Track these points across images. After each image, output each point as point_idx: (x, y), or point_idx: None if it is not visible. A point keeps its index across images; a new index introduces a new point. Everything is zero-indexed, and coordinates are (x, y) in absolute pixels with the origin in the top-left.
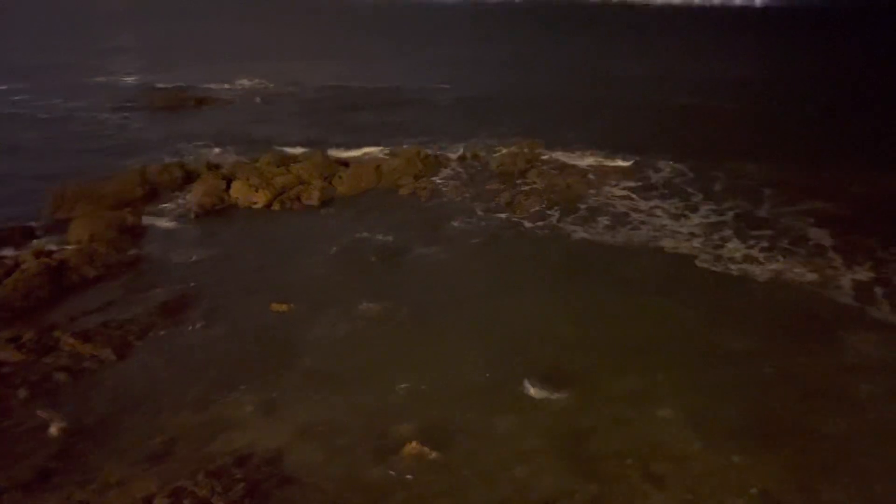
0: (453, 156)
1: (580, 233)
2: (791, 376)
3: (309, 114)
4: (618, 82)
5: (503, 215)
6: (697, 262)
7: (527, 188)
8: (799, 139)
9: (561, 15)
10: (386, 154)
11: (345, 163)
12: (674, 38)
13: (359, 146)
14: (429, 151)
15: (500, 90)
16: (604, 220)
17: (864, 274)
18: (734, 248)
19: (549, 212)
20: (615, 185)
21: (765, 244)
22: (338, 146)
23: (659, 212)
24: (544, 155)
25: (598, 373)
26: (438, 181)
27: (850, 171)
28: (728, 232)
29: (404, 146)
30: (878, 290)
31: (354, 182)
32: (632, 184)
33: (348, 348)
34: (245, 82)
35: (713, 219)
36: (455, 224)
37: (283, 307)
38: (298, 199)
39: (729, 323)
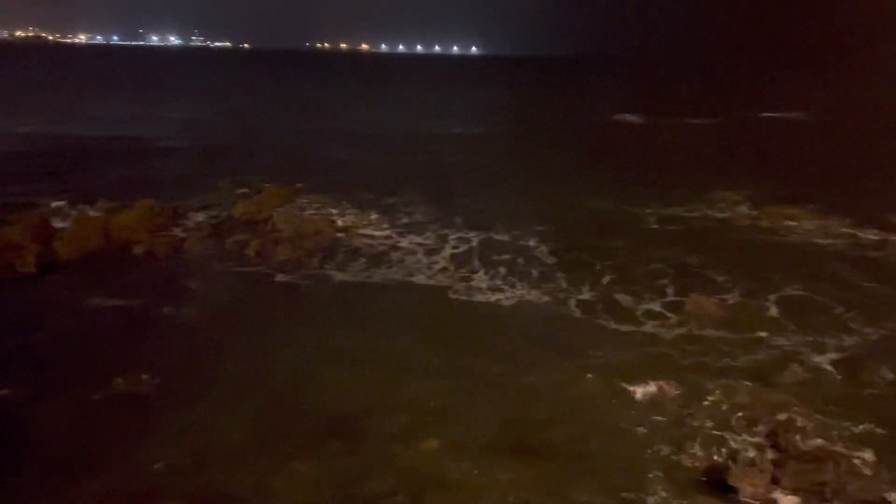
0: (194, 206)
1: (338, 276)
2: (535, 390)
3: (16, 166)
4: (356, 124)
5: (253, 266)
6: (450, 294)
7: (276, 235)
8: (519, 173)
9: (293, 62)
10: (115, 208)
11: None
12: (400, 84)
13: (84, 202)
14: (164, 205)
15: (241, 136)
16: (360, 261)
17: (587, 292)
18: (480, 278)
19: (301, 258)
20: (366, 227)
21: (505, 271)
22: (57, 203)
23: (411, 249)
24: (292, 200)
25: (366, 414)
26: (180, 235)
27: (564, 198)
28: (475, 263)
29: (137, 199)
30: (599, 306)
31: (79, 243)
32: (384, 224)
33: (95, 429)
34: None
35: (461, 251)
36: (201, 281)
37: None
38: (11, 266)
39: (481, 348)
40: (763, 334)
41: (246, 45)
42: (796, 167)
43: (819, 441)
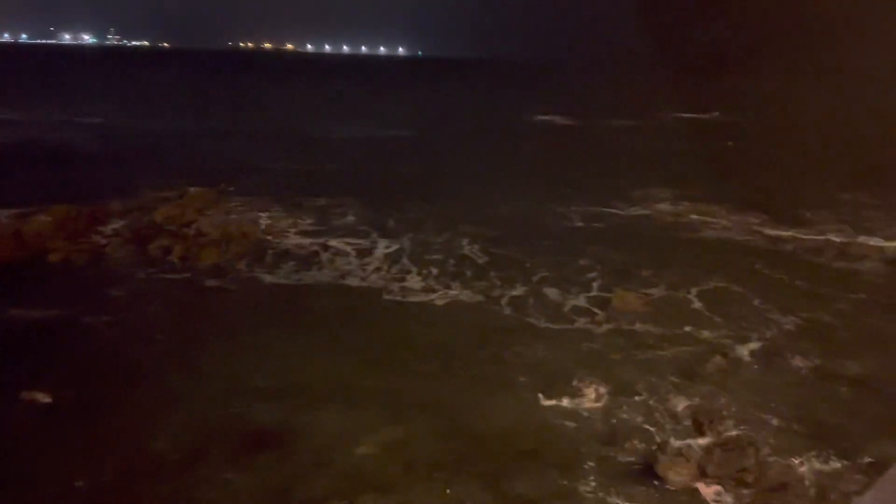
0: (114, 211)
1: (267, 279)
2: (469, 390)
3: None
4: (283, 126)
5: (178, 272)
6: (384, 295)
7: (201, 239)
8: (448, 175)
9: (215, 62)
10: (28, 214)
11: None
12: (328, 85)
13: None
14: (82, 210)
15: (162, 139)
16: (290, 264)
17: (518, 290)
18: (413, 278)
19: (228, 262)
20: (295, 229)
21: (438, 271)
22: None
23: (342, 251)
24: (217, 203)
25: (298, 420)
26: (100, 241)
27: (492, 198)
28: (407, 264)
29: (52, 205)
30: (530, 303)
31: None
32: (313, 226)
33: (9, 446)
34: None
35: (393, 252)
36: (122, 289)
37: None
38: None
39: (415, 349)
40: (687, 328)
41: (165, 44)
42: (714, 166)
43: (741, 429)
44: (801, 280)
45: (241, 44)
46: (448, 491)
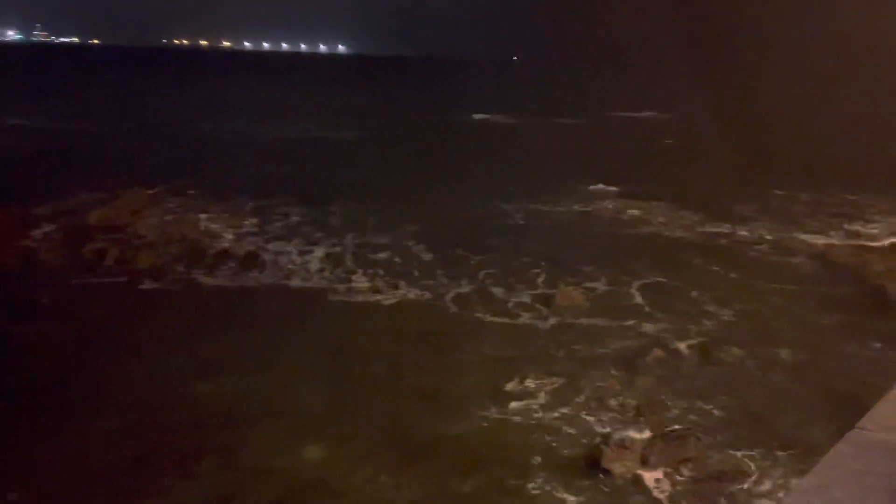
0: (45, 214)
1: (207, 281)
2: (417, 390)
3: None
4: (222, 126)
5: (114, 276)
6: (329, 296)
7: (138, 241)
8: (390, 175)
9: (149, 59)
10: None
11: None
12: (267, 84)
13: None
14: (11, 213)
15: (95, 139)
16: (231, 266)
17: (464, 288)
18: (359, 279)
19: (166, 264)
20: (236, 230)
21: (384, 271)
22: None
23: (285, 252)
24: (154, 204)
25: (244, 425)
26: (30, 245)
27: (436, 197)
28: (352, 264)
29: None
30: (476, 301)
31: None
32: (254, 227)
33: None
34: None
35: (337, 253)
36: (55, 294)
37: None
38: None
39: (361, 350)
40: (629, 321)
41: (96, 41)
42: (652, 164)
43: (682, 419)
44: (736, 273)
45: (176, 41)
46: (396, 493)
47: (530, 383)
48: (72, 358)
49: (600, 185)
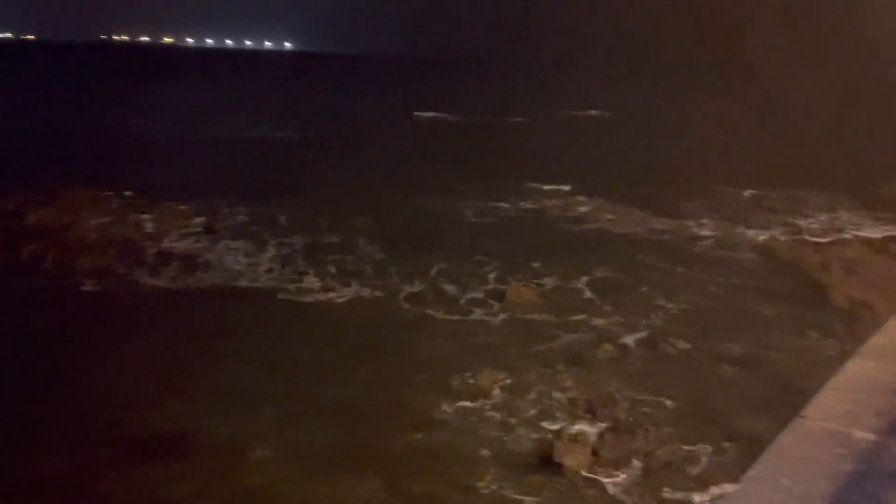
0: None
1: (151, 282)
2: (369, 389)
3: None
4: (166, 125)
5: (53, 279)
6: (279, 296)
7: (78, 243)
8: (337, 174)
9: (87, 56)
10: None
11: None
12: (211, 81)
13: None
14: None
15: (32, 138)
16: (175, 267)
17: (416, 286)
18: (311, 278)
19: (108, 266)
20: (180, 230)
21: (335, 270)
22: None
23: (231, 252)
24: (95, 205)
25: (192, 429)
26: None
27: (385, 196)
28: (303, 263)
29: None
30: (429, 298)
31: None
32: (200, 227)
33: None
34: None
35: (286, 252)
36: None
37: None
38: None
39: (313, 349)
40: (578, 316)
41: (30, 37)
42: (598, 161)
43: (632, 412)
44: (683, 268)
45: (116, 36)
46: (347, 494)
47: (483, 379)
48: (10, 363)
49: (549, 183)
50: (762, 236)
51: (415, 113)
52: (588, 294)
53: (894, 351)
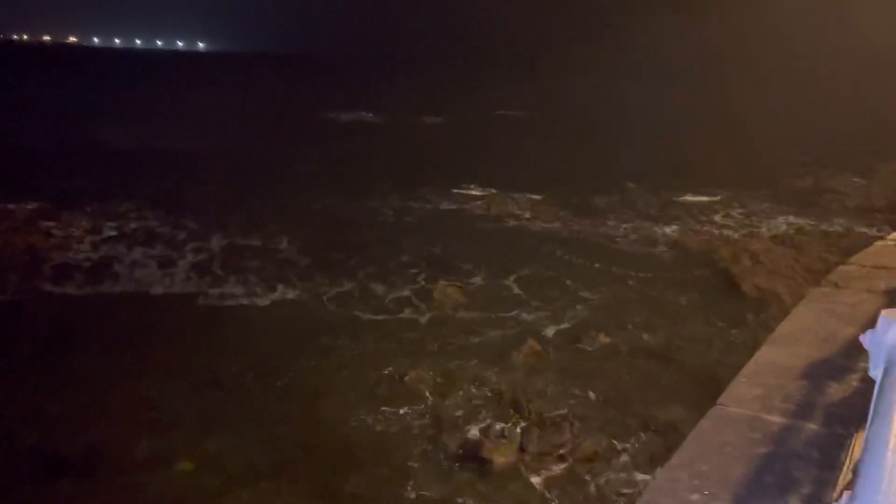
0: None
1: (56, 291)
2: (294, 394)
3: None
4: (65, 129)
5: None
6: (199, 301)
7: None
8: (250, 178)
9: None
10: None
11: None
12: (118, 85)
13: None
14: None
15: None
16: (82, 276)
17: (342, 287)
18: (231, 283)
19: (12, 276)
20: (88, 238)
21: (257, 275)
22: None
23: (145, 257)
24: None
25: (106, 444)
26: None
27: (303, 198)
28: (221, 269)
29: None
30: (355, 299)
31: None
32: (108, 234)
33: None
34: None
35: (204, 258)
36: None
37: None
38: None
39: (235, 355)
40: (502, 314)
41: None
42: (519, 161)
43: (557, 406)
44: (601, 263)
45: (15, 36)
46: (272, 499)
47: (410, 379)
48: None
49: (469, 182)
50: (675, 232)
51: (336, 114)
52: (514, 290)
53: (800, 338)
